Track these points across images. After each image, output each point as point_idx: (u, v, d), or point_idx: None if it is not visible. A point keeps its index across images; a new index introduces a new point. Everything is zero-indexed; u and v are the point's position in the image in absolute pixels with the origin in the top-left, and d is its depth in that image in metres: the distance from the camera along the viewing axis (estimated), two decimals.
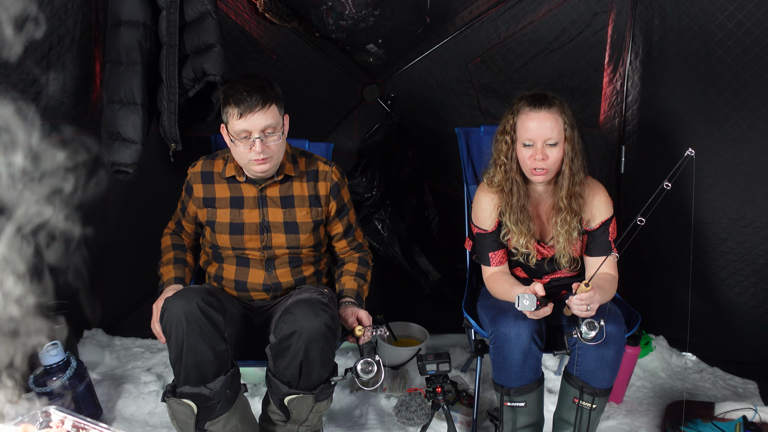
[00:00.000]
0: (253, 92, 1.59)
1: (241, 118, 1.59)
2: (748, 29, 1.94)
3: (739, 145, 2.09)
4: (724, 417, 2.03)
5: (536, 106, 1.69)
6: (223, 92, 1.66)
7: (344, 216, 1.90)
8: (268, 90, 1.62)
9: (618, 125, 2.39)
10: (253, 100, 1.59)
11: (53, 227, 2.21)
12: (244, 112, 1.59)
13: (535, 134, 1.68)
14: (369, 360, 1.57)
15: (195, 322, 1.45)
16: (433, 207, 2.83)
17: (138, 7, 1.96)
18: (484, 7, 2.45)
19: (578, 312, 1.56)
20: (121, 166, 2.02)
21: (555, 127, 1.67)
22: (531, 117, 1.69)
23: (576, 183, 1.73)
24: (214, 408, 1.53)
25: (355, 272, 1.89)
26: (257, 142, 1.61)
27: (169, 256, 1.89)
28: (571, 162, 1.71)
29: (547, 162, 1.69)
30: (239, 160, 1.69)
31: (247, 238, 1.77)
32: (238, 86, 1.61)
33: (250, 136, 1.61)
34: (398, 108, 2.77)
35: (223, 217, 1.78)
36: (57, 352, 1.97)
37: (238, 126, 1.60)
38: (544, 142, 1.68)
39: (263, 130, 1.61)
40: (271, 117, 1.62)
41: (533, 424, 1.76)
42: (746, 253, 2.20)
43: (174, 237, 1.96)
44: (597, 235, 1.80)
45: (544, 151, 1.68)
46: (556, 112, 1.68)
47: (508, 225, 1.80)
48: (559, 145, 1.69)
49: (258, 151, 1.61)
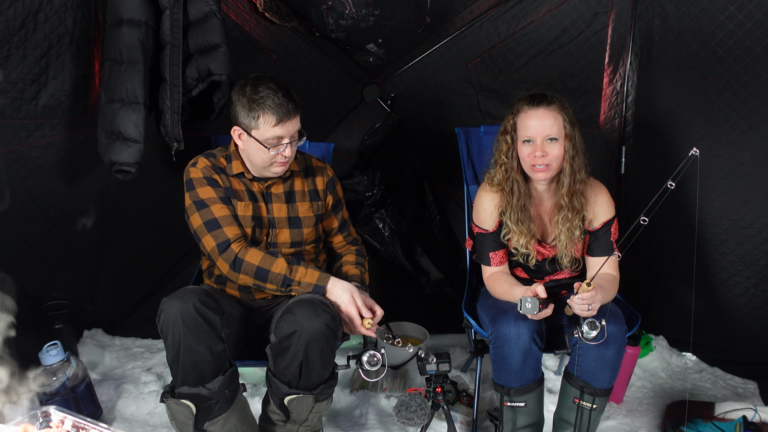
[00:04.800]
0: (288, 98, 1.62)
1: (278, 125, 1.62)
2: (748, 29, 1.94)
3: (740, 146, 2.09)
4: (724, 417, 2.03)
5: (535, 104, 1.71)
6: (243, 96, 1.63)
7: (339, 211, 1.95)
8: (293, 95, 1.66)
9: (618, 126, 2.39)
10: (290, 107, 1.62)
11: (53, 226, 2.22)
12: (282, 119, 1.61)
13: (535, 131, 1.69)
14: (375, 353, 1.59)
15: (191, 322, 1.45)
16: (434, 207, 2.83)
17: (139, 6, 1.96)
18: (484, 7, 2.45)
19: (579, 312, 1.56)
20: (122, 165, 2.01)
21: (555, 124, 1.69)
22: (530, 115, 1.71)
23: (577, 181, 1.74)
24: (213, 408, 1.52)
25: (354, 261, 1.92)
26: (288, 147, 1.65)
27: (280, 260, 1.62)
28: (572, 159, 1.72)
29: (547, 158, 1.69)
30: (260, 162, 1.68)
31: (258, 231, 1.77)
32: (267, 91, 1.61)
33: (280, 142, 1.64)
34: (398, 108, 2.77)
35: (246, 210, 1.74)
36: (57, 352, 1.97)
37: (272, 132, 1.62)
38: (543, 138, 1.69)
39: (293, 135, 1.67)
40: (299, 122, 1.68)
41: (533, 424, 1.76)
42: (747, 254, 2.20)
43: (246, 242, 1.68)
44: (599, 236, 1.80)
45: (543, 147, 1.69)
46: (555, 109, 1.70)
47: (509, 225, 1.80)
48: (559, 141, 1.70)
49: (287, 155, 1.66)
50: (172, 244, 2.57)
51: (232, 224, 1.66)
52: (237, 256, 1.61)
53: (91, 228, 2.41)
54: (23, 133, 1.97)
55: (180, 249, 2.64)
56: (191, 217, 1.68)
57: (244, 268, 1.61)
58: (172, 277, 2.67)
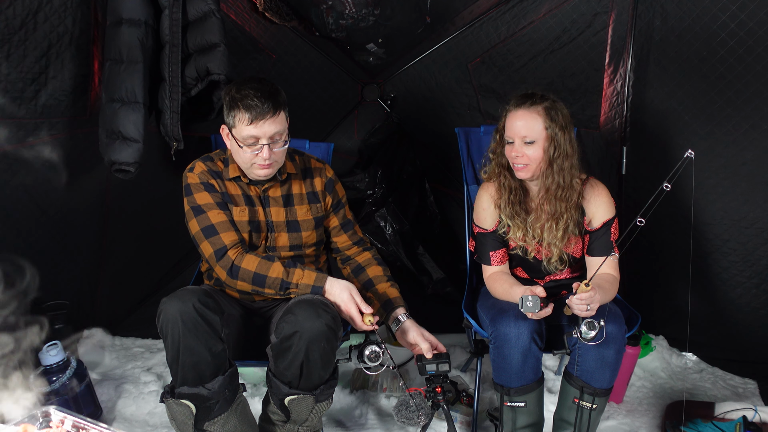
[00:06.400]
0: (265, 98, 1.56)
1: (251, 125, 1.57)
2: (750, 29, 1.94)
3: (741, 146, 2.09)
4: (724, 417, 2.03)
5: (518, 105, 1.72)
6: (228, 94, 1.62)
7: (340, 210, 1.91)
8: (277, 96, 1.60)
9: (619, 126, 2.39)
10: (265, 107, 1.56)
11: (53, 226, 2.22)
12: (255, 118, 1.57)
13: (513, 132, 1.72)
14: (377, 350, 1.59)
15: (191, 322, 1.45)
16: (435, 207, 2.83)
17: (139, 5, 1.96)
18: (484, 7, 2.45)
19: (578, 312, 1.56)
20: (122, 165, 2.02)
21: (533, 126, 1.68)
22: (513, 115, 1.73)
23: (560, 186, 1.72)
24: (213, 408, 1.52)
25: (384, 276, 1.85)
26: (265, 148, 1.60)
27: (276, 265, 1.61)
28: (551, 161, 1.71)
29: (524, 159, 1.71)
30: (242, 163, 1.67)
31: (255, 236, 1.77)
32: (248, 90, 1.57)
33: (257, 142, 1.60)
34: (398, 108, 2.77)
35: (242, 216, 1.74)
36: (57, 352, 1.97)
37: (247, 132, 1.58)
38: (521, 139, 1.70)
39: (272, 137, 1.60)
40: (279, 124, 1.61)
41: (533, 424, 1.76)
42: (748, 254, 2.19)
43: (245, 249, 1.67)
44: (599, 236, 1.79)
45: (521, 148, 1.71)
46: (536, 111, 1.69)
47: (504, 219, 1.83)
48: (538, 143, 1.69)
49: (265, 157, 1.61)
50: (172, 244, 2.57)
51: (229, 230, 1.66)
52: (234, 263, 1.61)
53: (90, 227, 2.41)
54: (23, 132, 1.97)
55: (180, 249, 2.64)
56: (189, 222, 1.68)
57: (241, 275, 1.61)
58: (172, 277, 2.67)
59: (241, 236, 1.69)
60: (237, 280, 1.61)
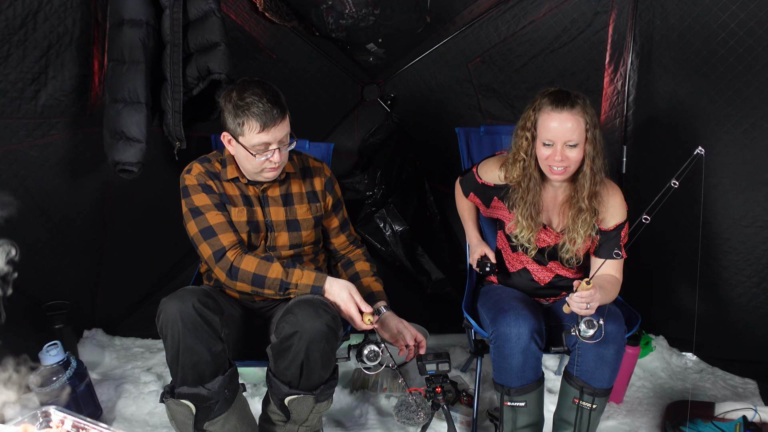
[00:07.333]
0: (272, 104, 1.56)
1: (262, 132, 1.57)
2: (750, 28, 1.94)
3: (742, 145, 2.09)
4: (724, 417, 2.03)
5: (558, 106, 1.64)
6: (228, 101, 1.59)
7: (339, 210, 1.92)
8: (280, 99, 1.60)
9: (619, 125, 2.39)
10: (274, 113, 1.56)
11: (53, 226, 2.22)
12: (266, 125, 1.56)
13: (555, 135, 1.64)
14: (376, 350, 1.59)
15: (191, 322, 1.44)
16: (435, 207, 2.83)
17: (140, 5, 1.96)
18: (484, 7, 2.45)
19: (577, 310, 1.55)
20: (125, 165, 2.02)
21: (576, 129, 1.63)
22: (552, 117, 1.64)
23: (596, 183, 1.71)
24: (213, 408, 1.52)
25: (371, 272, 1.90)
26: (276, 152, 1.61)
27: (275, 265, 1.61)
28: (592, 162, 1.68)
29: (566, 162, 1.66)
30: (251, 168, 1.66)
31: (254, 236, 1.77)
32: (251, 98, 1.56)
33: (267, 148, 1.60)
34: (398, 108, 2.77)
35: (240, 216, 1.73)
36: (57, 352, 1.97)
37: (258, 139, 1.58)
38: (564, 143, 1.65)
39: (281, 140, 1.61)
40: (287, 126, 1.63)
41: (533, 424, 1.76)
42: (749, 252, 2.19)
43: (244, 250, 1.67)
44: (610, 237, 1.78)
45: (563, 152, 1.65)
46: (578, 113, 1.63)
47: (518, 218, 1.80)
48: (580, 146, 1.65)
49: (276, 160, 1.61)
50: (172, 244, 2.57)
51: (227, 231, 1.65)
52: (233, 264, 1.61)
53: (91, 227, 2.41)
54: (22, 132, 1.97)
55: (180, 249, 2.63)
56: (188, 224, 1.68)
57: (240, 276, 1.61)
58: (172, 277, 2.67)
59: (239, 237, 1.69)
60: (236, 281, 1.61)
